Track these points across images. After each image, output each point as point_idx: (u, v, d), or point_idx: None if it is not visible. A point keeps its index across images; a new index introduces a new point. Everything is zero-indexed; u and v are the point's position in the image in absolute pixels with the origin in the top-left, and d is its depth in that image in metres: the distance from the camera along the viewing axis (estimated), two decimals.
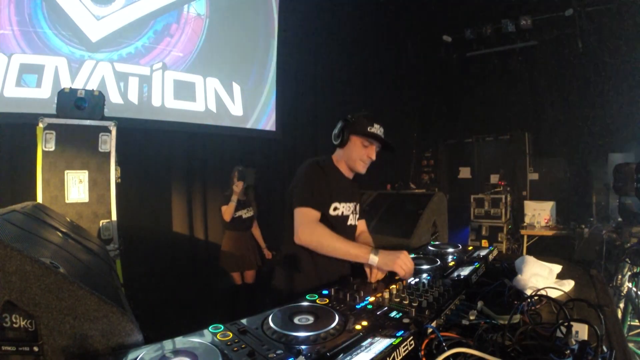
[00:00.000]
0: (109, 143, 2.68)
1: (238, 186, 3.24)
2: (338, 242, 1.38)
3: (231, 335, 0.85)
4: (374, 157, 1.61)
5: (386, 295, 1.15)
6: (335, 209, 1.57)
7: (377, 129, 1.57)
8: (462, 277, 1.36)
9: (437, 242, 2.04)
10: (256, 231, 3.60)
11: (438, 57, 6.63)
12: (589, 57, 5.25)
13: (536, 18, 5.56)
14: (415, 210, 3.14)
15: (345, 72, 5.59)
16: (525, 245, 4.79)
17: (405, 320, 0.96)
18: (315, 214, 1.43)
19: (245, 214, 3.41)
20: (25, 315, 0.68)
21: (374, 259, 1.31)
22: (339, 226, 1.55)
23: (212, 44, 4.34)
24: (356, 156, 1.59)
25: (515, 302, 1.09)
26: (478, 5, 5.81)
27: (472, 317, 1.01)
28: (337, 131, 1.62)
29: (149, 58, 3.90)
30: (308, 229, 1.39)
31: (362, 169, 1.62)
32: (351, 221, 1.67)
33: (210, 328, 0.88)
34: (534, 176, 5.94)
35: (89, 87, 3.18)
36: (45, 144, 2.46)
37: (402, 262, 1.30)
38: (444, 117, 6.88)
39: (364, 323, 0.94)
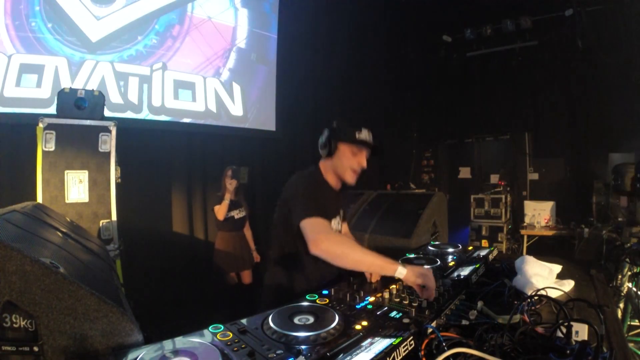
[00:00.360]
0: (109, 143, 2.68)
1: (232, 184, 3.25)
2: (362, 253, 1.26)
3: (231, 335, 0.85)
4: (365, 165, 1.54)
5: (386, 295, 1.15)
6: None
7: (365, 135, 1.51)
8: (462, 277, 1.36)
9: (437, 242, 2.04)
10: (247, 232, 3.59)
11: (438, 57, 6.62)
12: (589, 57, 5.25)
13: (536, 18, 5.56)
14: (415, 210, 3.15)
15: (345, 72, 5.59)
16: (525, 245, 4.79)
17: (405, 320, 0.96)
18: (326, 223, 1.35)
19: (237, 214, 3.41)
20: (25, 315, 0.68)
21: (402, 271, 1.20)
22: None
23: (210, 43, 4.34)
24: (346, 165, 1.52)
25: (515, 302, 1.10)
26: (478, 5, 5.80)
27: (472, 317, 1.01)
28: (323, 140, 1.55)
29: (151, 61, 3.90)
30: (328, 238, 1.27)
31: (351, 179, 1.55)
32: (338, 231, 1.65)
33: (210, 328, 0.88)
34: (534, 176, 5.93)
35: (89, 87, 3.18)
36: (45, 144, 2.46)
37: (431, 278, 1.18)
38: (444, 117, 6.88)
39: (364, 323, 0.94)
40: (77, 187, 2.56)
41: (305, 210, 1.33)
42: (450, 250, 1.78)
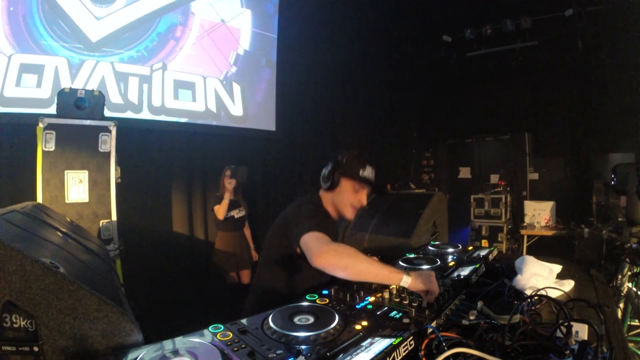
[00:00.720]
0: (109, 143, 2.68)
1: (231, 183, 3.29)
2: (368, 263, 1.22)
3: (231, 335, 0.85)
4: (365, 203, 1.52)
5: (386, 295, 1.15)
6: None
7: (369, 173, 1.49)
8: (462, 277, 1.36)
9: (437, 242, 2.04)
10: (247, 231, 3.61)
11: (438, 57, 6.62)
12: (589, 57, 5.25)
13: (536, 18, 5.55)
14: (415, 210, 3.14)
15: (345, 72, 5.59)
16: (525, 245, 4.79)
17: (405, 320, 0.96)
18: (327, 238, 1.30)
19: (237, 214, 3.43)
20: (25, 315, 0.68)
21: (407, 280, 1.18)
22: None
23: (212, 45, 4.34)
24: (347, 201, 1.51)
25: (515, 302, 1.09)
26: (478, 5, 5.80)
27: (472, 317, 1.01)
28: (326, 173, 1.52)
29: (152, 62, 3.90)
30: (334, 249, 1.24)
31: (351, 215, 1.54)
32: None
33: (210, 328, 0.88)
34: (534, 176, 5.93)
35: (89, 87, 3.18)
36: (45, 144, 2.46)
37: (434, 280, 1.18)
38: (444, 117, 6.88)
39: (364, 323, 0.94)
40: (77, 187, 2.56)
41: (309, 226, 1.30)
42: (450, 250, 1.78)
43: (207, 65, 4.30)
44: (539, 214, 4.86)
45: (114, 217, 2.70)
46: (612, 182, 2.62)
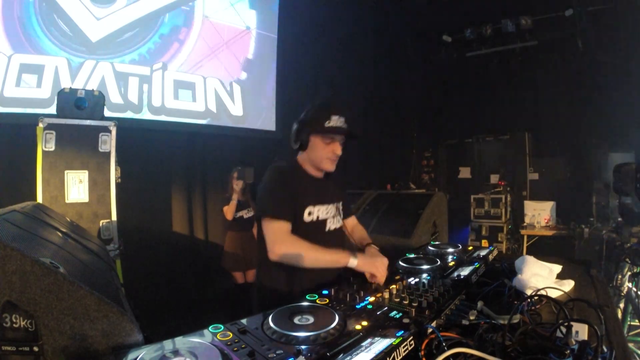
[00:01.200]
0: (109, 143, 2.68)
1: (238, 184, 3.34)
2: (316, 251, 1.34)
3: (231, 335, 0.85)
4: (339, 152, 1.49)
5: (386, 295, 1.15)
6: (309, 213, 1.46)
7: (336, 121, 1.42)
8: (462, 277, 1.36)
9: (437, 242, 2.03)
10: (255, 231, 3.63)
11: (438, 57, 6.62)
12: (589, 57, 5.25)
13: (536, 18, 5.55)
14: (415, 210, 3.15)
15: (345, 72, 5.59)
16: (525, 245, 4.79)
17: (405, 320, 0.96)
18: (285, 226, 1.36)
19: (246, 214, 3.47)
20: (25, 315, 0.68)
21: (353, 261, 1.34)
22: (316, 232, 1.47)
23: (212, 45, 4.34)
24: (321, 156, 1.48)
25: (515, 302, 1.09)
26: (478, 5, 5.80)
27: (472, 317, 1.01)
28: (293, 135, 1.50)
29: (154, 64, 3.90)
30: (281, 244, 1.33)
31: (330, 166, 1.51)
32: (330, 225, 1.55)
33: (210, 328, 0.88)
34: (534, 176, 5.93)
35: (89, 87, 3.19)
36: (45, 144, 2.46)
37: (379, 265, 1.33)
38: (444, 117, 6.88)
39: (364, 323, 0.94)
40: (77, 187, 2.56)
41: (267, 209, 1.39)
42: (450, 250, 1.77)
43: (213, 69, 4.29)
44: (539, 214, 4.85)
45: (114, 217, 2.70)
46: (619, 183, 2.62)
